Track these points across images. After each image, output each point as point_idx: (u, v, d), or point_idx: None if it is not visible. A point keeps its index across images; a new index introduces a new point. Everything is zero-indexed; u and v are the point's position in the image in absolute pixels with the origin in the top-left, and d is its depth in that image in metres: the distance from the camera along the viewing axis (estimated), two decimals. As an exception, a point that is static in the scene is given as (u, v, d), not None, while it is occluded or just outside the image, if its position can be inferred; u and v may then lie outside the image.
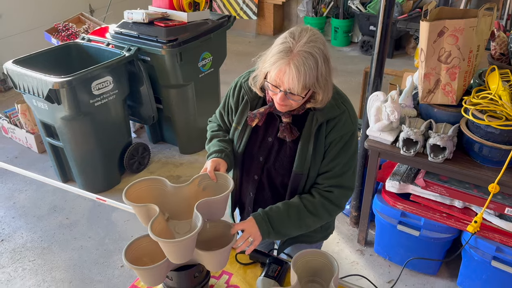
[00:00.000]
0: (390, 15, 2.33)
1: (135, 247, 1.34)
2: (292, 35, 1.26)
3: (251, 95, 1.48)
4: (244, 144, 1.50)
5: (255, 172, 1.52)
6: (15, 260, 2.83)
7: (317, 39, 1.27)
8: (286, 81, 1.25)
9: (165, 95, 3.56)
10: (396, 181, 2.43)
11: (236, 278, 1.53)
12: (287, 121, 1.40)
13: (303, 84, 1.25)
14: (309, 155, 1.41)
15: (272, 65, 1.27)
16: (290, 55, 1.23)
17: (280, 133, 1.42)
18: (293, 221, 1.42)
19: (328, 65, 1.29)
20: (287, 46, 1.25)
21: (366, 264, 2.72)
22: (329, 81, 1.32)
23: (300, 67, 1.23)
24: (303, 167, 1.42)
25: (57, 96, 2.87)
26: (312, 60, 1.24)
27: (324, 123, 1.40)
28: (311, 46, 1.24)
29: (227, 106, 1.58)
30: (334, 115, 1.39)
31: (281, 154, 1.46)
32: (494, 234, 2.21)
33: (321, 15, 6.26)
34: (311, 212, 1.42)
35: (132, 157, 3.52)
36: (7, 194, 3.44)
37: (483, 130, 2.04)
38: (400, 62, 5.52)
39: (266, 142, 1.48)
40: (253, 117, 1.44)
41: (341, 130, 1.40)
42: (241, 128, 1.50)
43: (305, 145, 1.41)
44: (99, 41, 3.53)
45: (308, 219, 1.43)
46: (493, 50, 2.42)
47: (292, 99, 1.30)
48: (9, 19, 4.88)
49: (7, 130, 4.11)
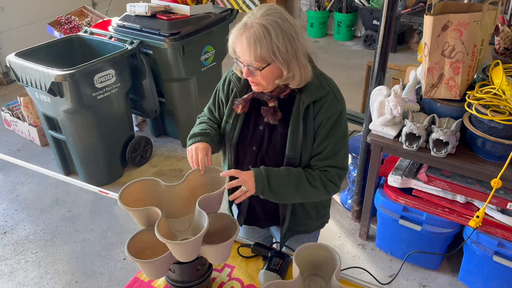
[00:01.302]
0: (394, 9, 2.32)
1: (138, 240, 1.35)
2: (252, 12, 1.32)
3: (240, 86, 1.50)
4: (237, 136, 1.52)
5: (250, 163, 1.54)
6: (18, 252, 2.84)
7: (274, 13, 1.29)
8: (240, 53, 1.32)
9: (167, 89, 3.56)
10: (399, 175, 2.43)
11: (238, 271, 1.53)
12: (272, 105, 1.43)
13: (255, 54, 1.28)
14: (300, 138, 1.43)
15: (230, 39, 1.34)
16: (244, 28, 1.29)
17: (265, 117, 1.44)
18: (291, 185, 1.41)
19: (289, 40, 1.30)
20: (244, 21, 1.31)
21: (368, 258, 2.72)
22: (297, 59, 1.33)
23: (250, 38, 1.27)
24: (295, 151, 1.44)
25: (60, 89, 2.87)
26: (264, 30, 1.26)
27: (311, 104, 1.42)
28: (265, 19, 1.27)
29: (218, 100, 1.59)
30: (320, 96, 1.41)
31: (272, 141, 1.48)
32: (496, 229, 2.21)
33: (324, 9, 6.24)
34: (309, 182, 1.42)
35: (134, 151, 3.52)
36: (10, 187, 3.45)
37: (486, 125, 2.04)
38: (403, 57, 5.50)
39: (258, 131, 1.50)
40: (237, 103, 1.47)
41: (328, 111, 1.42)
42: (232, 120, 1.52)
43: (294, 128, 1.43)
44: (101, 34, 3.53)
45: (305, 187, 1.42)
46: (497, 45, 2.40)
47: (255, 73, 1.35)
48: (12, 12, 4.87)
49: (10, 123, 4.12)
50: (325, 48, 6.05)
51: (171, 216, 1.39)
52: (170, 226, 1.36)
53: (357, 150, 2.82)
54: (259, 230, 1.80)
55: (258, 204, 1.60)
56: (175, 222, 1.39)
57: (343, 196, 3.19)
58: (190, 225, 1.37)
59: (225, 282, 1.50)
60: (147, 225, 1.36)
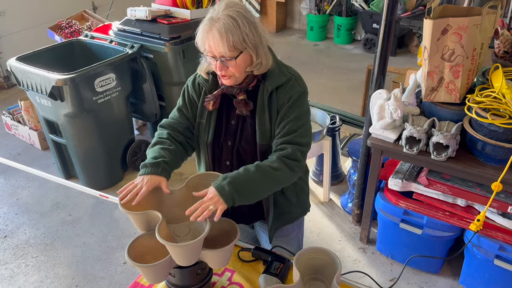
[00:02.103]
0: (393, 13, 2.32)
1: (138, 245, 1.34)
2: (213, 8, 1.38)
3: (208, 85, 1.54)
4: (212, 134, 1.55)
5: (227, 158, 1.57)
6: (18, 256, 2.84)
7: (235, 5, 1.37)
8: (213, 46, 1.35)
9: (167, 93, 3.56)
10: (399, 179, 2.43)
11: (238, 275, 1.53)
12: (242, 98, 1.48)
13: (228, 43, 1.33)
14: (267, 124, 1.48)
15: (200, 36, 1.38)
16: (211, 22, 1.35)
17: (238, 110, 1.48)
18: (256, 180, 1.37)
19: (254, 28, 1.38)
20: (209, 17, 1.36)
21: (368, 262, 2.72)
22: (262, 45, 1.41)
23: (221, 28, 1.33)
24: (265, 138, 1.49)
25: (60, 93, 2.88)
26: (231, 20, 1.33)
27: (274, 90, 1.47)
28: (229, 11, 1.35)
29: (189, 99, 1.59)
30: (282, 81, 1.47)
31: (244, 132, 1.52)
32: (497, 232, 2.21)
33: (324, 12, 6.25)
34: (272, 168, 1.40)
35: (134, 154, 3.52)
36: (10, 191, 3.45)
37: (486, 128, 2.04)
38: (403, 60, 5.50)
39: (230, 125, 1.54)
40: (208, 100, 1.51)
41: (289, 92, 1.47)
42: (205, 120, 1.55)
43: (261, 115, 1.48)
44: (102, 38, 3.53)
45: (270, 175, 1.39)
46: (496, 48, 2.41)
47: (229, 65, 1.39)
48: (13, 16, 4.89)
49: (11, 127, 4.13)
50: (325, 52, 6.06)
51: (172, 221, 1.39)
52: (170, 231, 1.36)
53: (357, 153, 2.82)
54: (245, 229, 1.83)
55: None
56: (175, 227, 1.39)
57: (344, 200, 3.19)
58: (190, 230, 1.37)
59: (226, 286, 1.49)
60: (147, 230, 1.36)
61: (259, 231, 1.79)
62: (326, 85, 5.00)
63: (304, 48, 6.23)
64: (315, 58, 5.81)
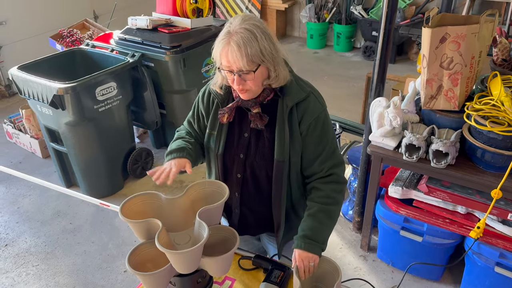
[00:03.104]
0: (392, 21, 2.34)
1: (139, 253, 1.35)
2: (229, 22, 1.37)
3: (221, 97, 1.53)
4: (223, 146, 1.54)
5: (238, 171, 1.55)
6: (19, 265, 2.84)
7: (251, 18, 1.37)
8: (231, 60, 1.33)
9: (168, 101, 3.58)
10: (399, 186, 2.43)
11: (239, 283, 1.53)
12: (256, 111, 1.46)
13: (247, 57, 1.32)
14: (287, 140, 1.47)
15: (217, 51, 1.36)
16: (229, 36, 1.33)
17: (252, 123, 1.47)
18: (325, 223, 1.48)
19: (270, 40, 1.37)
20: (226, 31, 1.35)
21: (369, 269, 2.71)
22: (278, 57, 1.40)
23: (239, 42, 1.31)
24: (283, 154, 1.47)
25: (62, 102, 2.89)
26: (249, 33, 1.32)
27: (294, 107, 1.46)
28: (247, 24, 1.34)
29: (197, 112, 1.62)
30: (301, 97, 1.46)
31: (259, 146, 1.51)
32: (497, 240, 2.21)
33: (323, 20, 6.28)
34: (331, 204, 1.49)
35: (135, 162, 3.53)
36: (11, 199, 3.46)
37: (485, 136, 2.05)
38: (403, 68, 5.52)
39: (243, 138, 1.53)
40: (222, 113, 1.49)
41: (314, 112, 1.47)
42: (217, 131, 1.55)
43: (281, 131, 1.47)
44: (103, 47, 3.56)
45: (333, 211, 1.50)
46: (495, 56, 2.42)
47: (247, 78, 1.37)
48: (14, 25, 4.92)
49: (12, 135, 4.14)
50: (325, 59, 6.09)
51: (172, 229, 1.39)
52: (171, 239, 1.37)
53: (357, 161, 2.83)
54: (251, 241, 1.82)
55: (251, 213, 1.62)
56: (176, 235, 1.39)
57: (344, 207, 3.19)
58: (190, 238, 1.38)
59: (226, 294, 1.50)
60: (148, 238, 1.37)
61: (266, 243, 1.78)
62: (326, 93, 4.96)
63: (304, 56, 6.26)
64: (315, 66, 5.83)
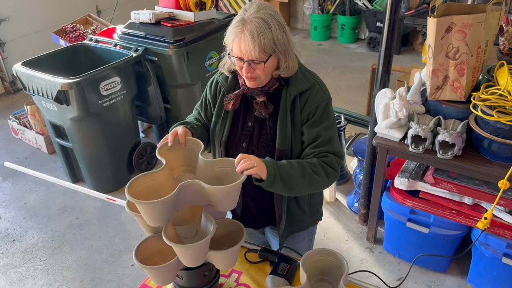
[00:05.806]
0: (397, 11, 2.32)
1: (145, 247, 1.35)
2: (244, 9, 1.37)
3: (227, 85, 1.54)
4: (227, 134, 1.55)
5: None
6: (26, 260, 2.86)
7: (266, 7, 1.36)
8: (243, 48, 1.33)
9: (172, 95, 3.57)
10: (405, 178, 2.42)
11: (245, 276, 1.53)
12: (262, 100, 1.46)
13: (259, 47, 1.32)
14: (289, 130, 1.46)
15: (230, 38, 1.36)
16: (243, 24, 1.33)
17: (257, 112, 1.47)
18: (296, 173, 1.39)
19: (283, 31, 1.37)
20: (240, 18, 1.35)
21: (376, 261, 2.71)
22: (290, 48, 1.40)
23: (253, 31, 1.31)
24: (285, 143, 1.47)
25: (66, 97, 2.89)
26: (264, 23, 1.32)
27: (297, 96, 1.46)
28: (261, 13, 1.33)
29: (205, 101, 1.64)
30: (306, 87, 1.46)
31: (262, 135, 1.51)
32: (505, 230, 2.20)
33: (327, 12, 6.24)
34: (312, 169, 1.42)
35: (140, 157, 3.54)
36: (18, 195, 3.48)
37: (492, 126, 2.03)
38: (408, 58, 5.49)
39: (247, 127, 1.53)
40: (228, 99, 1.50)
41: (315, 100, 1.46)
42: (221, 120, 1.56)
43: (283, 120, 1.46)
44: (106, 42, 3.55)
45: (310, 175, 1.42)
46: (501, 45, 2.39)
47: (257, 68, 1.37)
48: (18, 21, 4.92)
49: (17, 132, 4.16)
50: (329, 51, 6.05)
51: (178, 223, 1.39)
52: (177, 232, 1.37)
53: (363, 153, 2.82)
54: (255, 235, 1.82)
55: (253, 203, 1.62)
56: (182, 229, 1.39)
57: (350, 200, 3.19)
58: (196, 232, 1.38)
59: (233, 287, 1.50)
60: (154, 232, 1.37)
61: (270, 237, 1.79)
62: (330, 85, 4.96)
63: (308, 47, 6.22)
64: (319, 58, 5.80)
